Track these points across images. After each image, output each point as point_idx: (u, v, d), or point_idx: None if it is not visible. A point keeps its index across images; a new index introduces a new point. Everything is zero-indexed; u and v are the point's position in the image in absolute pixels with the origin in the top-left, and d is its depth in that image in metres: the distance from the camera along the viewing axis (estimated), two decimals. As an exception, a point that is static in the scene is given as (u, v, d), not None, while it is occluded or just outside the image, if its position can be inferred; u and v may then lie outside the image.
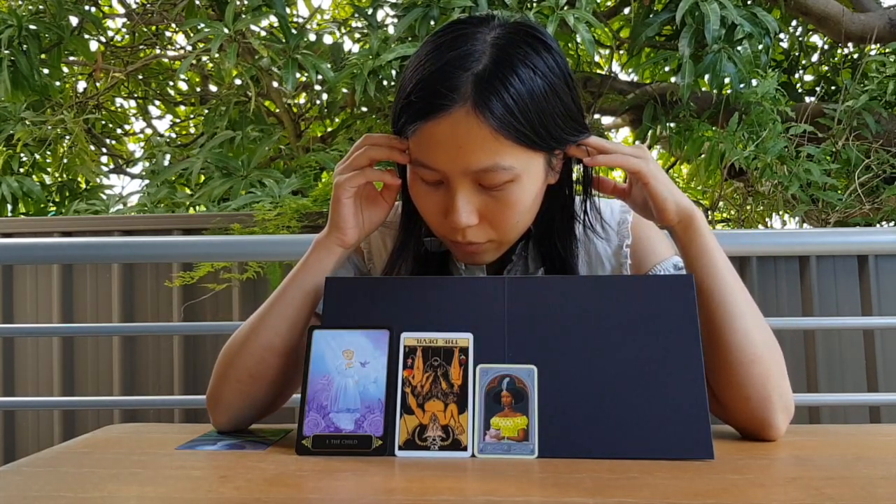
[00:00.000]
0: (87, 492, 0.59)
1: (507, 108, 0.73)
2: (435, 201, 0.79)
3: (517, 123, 0.73)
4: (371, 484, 0.61)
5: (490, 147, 0.74)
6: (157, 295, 2.75)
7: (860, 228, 2.91)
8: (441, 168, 0.76)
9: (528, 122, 0.74)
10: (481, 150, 0.74)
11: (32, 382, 2.75)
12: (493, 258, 0.86)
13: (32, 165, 4.31)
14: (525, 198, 0.79)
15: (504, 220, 0.79)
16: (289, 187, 2.99)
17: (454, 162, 0.75)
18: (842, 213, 3.08)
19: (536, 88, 0.74)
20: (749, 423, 0.77)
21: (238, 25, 3.29)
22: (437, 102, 0.73)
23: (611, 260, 0.92)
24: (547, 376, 0.70)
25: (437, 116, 0.74)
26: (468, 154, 0.74)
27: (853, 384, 2.44)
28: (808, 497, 0.55)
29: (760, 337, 0.78)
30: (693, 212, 0.80)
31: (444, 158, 0.75)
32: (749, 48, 3.17)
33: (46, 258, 2.14)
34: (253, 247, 1.91)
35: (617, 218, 0.94)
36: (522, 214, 0.80)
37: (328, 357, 0.73)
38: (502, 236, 0.82)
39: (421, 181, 0.80)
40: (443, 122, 0.74)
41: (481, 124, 0.73)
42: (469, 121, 0.73)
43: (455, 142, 0.74)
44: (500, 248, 0.85)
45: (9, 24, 3.61)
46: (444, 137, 0.74)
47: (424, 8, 3.25)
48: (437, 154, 0.75)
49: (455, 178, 0.76)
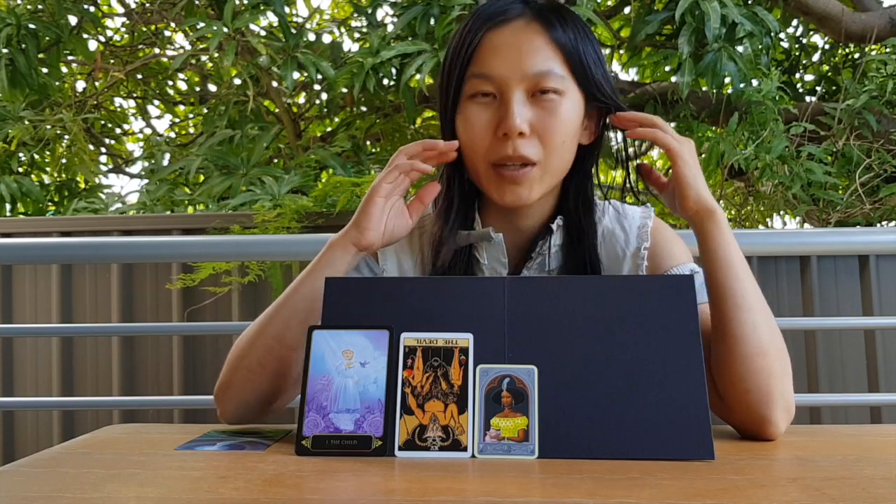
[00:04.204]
0: (87, 492, 0.59)
1: (562, 26, 0.84)
2: (486, 119, 0.84)
3: (569, 42, 0.84)
4: (371, 484, 0.60)
5: (546, 53, 0.83)
6: (156, 295, 2.75)
7: (861, 228, 2.91)
8: (500, 73, 0.83)
9: (574, 48, 0.84)
10: (538, 54, 0.83)
11: (32, 382, 2.75)
12: (535, 195, 0.86)
13: (31, 165, 4.31)
14: (570, 117, 0.84)
15: (552, 133, 0.83)
16: (288, 185, 2.99)
17: (514, 65, 0.82)
18: (842, 212, 3.08)
19: (582, 32, 0.86)
20: (748, 419, 0.77)
21: (237, 24, 3.29)
22: (499, 13, 0.84)
23: (628, 261, 0.93)
24: (547, 376, 0.70)
25: (499, 25, 0.84)
26: (527, 57, 0.82)
27: (854, 384, 2.44)
28: (808, 497, 0.54)
29: (768, 335, 0.78)
30: (713, 207, 0.82)
31: (505, 63, 0.82)
32: (749, 47, 3.17)
33: (46, 258, 2.14)
34: (253, 247, 1.90)
35: (637, 222, 0.95)
36: (567, 135, 0.85)
37: (328, 357, 0.73)
38: (548, 158, 0.84)
39: (474, 105, 0.85)
40: (505, 29, 0.84)
41: (540, 31, 0.83)
42: (530, 28, 0.83)
43: (517, 46, 0.83)
44: (542, 181, 0.86)
45: (7, 23, 3.61)
46: (506, 43, 0.83)
47: (425, 6, 3.25)
48: (498, 60, 0.83)
49: (511, 85, 0.82)
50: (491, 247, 0.91)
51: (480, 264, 0.92)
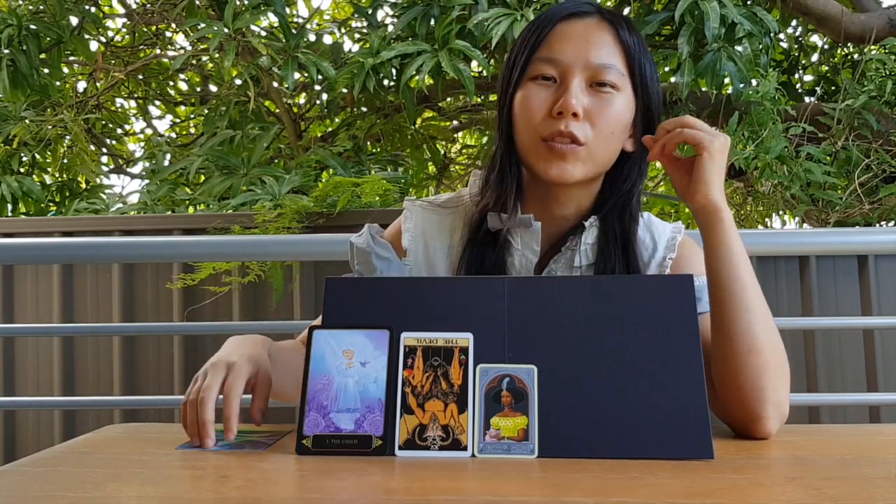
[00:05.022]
0: (87, 492, 0.59)
1: (627, 31, 0.91)
2: (544, 98, 0.89)
3: (632, 45, 0.91)
4: (371, 484, 0.61)
5: (611, 49, 0.90)
6: (157, 295, 2.75)
7: (860, 228, 2.91)
8: (566, 58, 0.89)
9: (637, 53, 0.91)
10: (604, 48, 0.89)
11: (32, 382, 2.75)
12: (578, 174, 0.89)
13: (32, 165, 4.31)
14: (622, 112, 0.90)
15: (603, 121, 0.88)
16: (289, 185, 2.99)
17: (580, 52, 0.88)
18: (841, 212, 3.08)
19: (643, 45, 0.93)
20: (740, 416, 0.78)
21: (237, 24, 3.29)
22: (574, 9, 0.91)
23: (653, 270, 0.96)
24: (547, 376, 0.70)
25: (573, 18, 0.91)
26: (594, 48, 0.89)
27: (853, 384, 2.44)
28: (808, 497, 0.55)
29: (764, 334, 0.79)
30: (721, 206, 0.84)
31: (573, 49, 0.89)
32: (749, 47, 3.17)
33: (46, 258, 2.14)
34: (253, 247, 1.91)
35: (668, 235, 0.99)
36: (616, 128, 0.89)
37: (328, 357, 0.73)
38: (596, 142, 0.88)
39: (535, 85, 0.90)
40: (579, 22, 0.91)
41: (609, 30, 0.90)
42: (601, 26, 0.91)
43: (586, 37, 0.89)
44: (586, 164, 0.89)
45: (9, 24, 3.61)
46: (576, 33, 0.90)
47: (425, 7, 3.25)
48: (567, 46, 0.89)
49: (574, 71, 0.88)
50: (527, 233, 0.93)
51: (512, 248, 0.94)
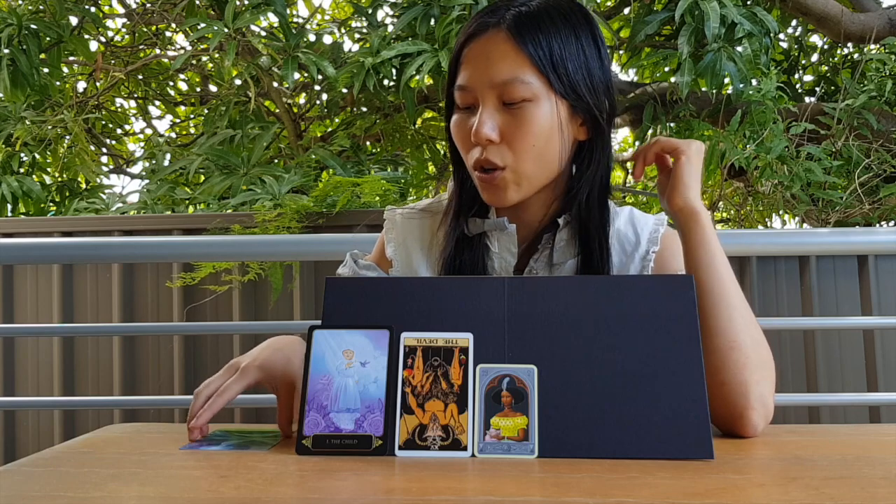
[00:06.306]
0: (87, 492, 0.59)
1: (534, 33, 0.84)
2: (467, 130, 0.87)
3: (539, 50, 0.84)
4: (371, 484, 0.61)
5: (513, 61, 0.84)
6: (157, 295, 2.75)
7: (860, 228, 2.91)
8: (473, 83, 0.86)
9: (549, 53, 0.85)
10: (504, 62, 0.84)
11: (32, 382, 2.75)
12: (513, 197, 0.89)
13: (32, 165, 4.31)
14: (541, 123, 0.85)
15: (520, 140, 0.85)
16: (289, 184, 3.00)
17: (483, 74, 0.85)
18: (842, 212, 3.08)
19: (565, 35, 0.86)
20: (724, 413, 0.78)
21: (237, 24, 3.29)
22: (476, 26, 0.87)
23: (636, 263, 0.96)
24: (547, 376, 0.70)
25: (475, 37, 0.87)
26: (495, 66, 0.84)
27: (853, 384, 2.44)
28: (808, 497, 0.55)
29: (745, 331, 0.80)
30: (699, 209, 0.85)
31: (475, 73, 0.86)
32: (749, 47, 3.17)
33: (46, 258, 2.14)
34: (253, 247, 1.91)
35: (650, 228, 0.98)
36: (538, 140, 0.86)
37: (328, 357, 0.73)
38: (518, 162, 0.86)
39: (458, 115, 0.89)
40: (480, 41, 0.86)
41: (508, 40, 0.84)
42: (499, 37, 0.85)
43: (486, 55, 0.85)
44: (518, 184, 0.88)
45: (9, 23, 3.61)
46: (477, 53, 0.86)
47: (425, 6, 3.25)
48: (470, 69, 0.86)
49: (483, 94, 0.85)
50: (503, 236, 0.94)
51: (491, 252, 0.95)
